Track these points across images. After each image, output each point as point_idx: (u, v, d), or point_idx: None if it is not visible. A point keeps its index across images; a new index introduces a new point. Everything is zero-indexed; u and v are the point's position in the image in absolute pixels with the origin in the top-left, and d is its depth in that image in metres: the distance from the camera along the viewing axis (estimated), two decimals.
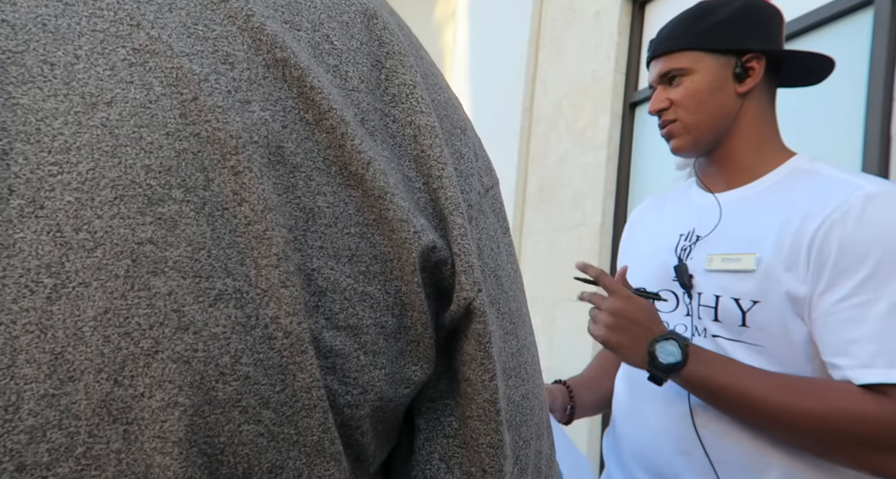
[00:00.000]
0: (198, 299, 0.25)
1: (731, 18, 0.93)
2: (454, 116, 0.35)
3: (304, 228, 0.28)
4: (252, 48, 0.28)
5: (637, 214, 1.17)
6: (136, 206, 0.25)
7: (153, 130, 0.26)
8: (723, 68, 0.93)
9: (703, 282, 0.90)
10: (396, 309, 0.30)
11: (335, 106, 0.29)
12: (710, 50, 0.93)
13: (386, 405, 0.30)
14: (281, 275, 0.26)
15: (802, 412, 0.76)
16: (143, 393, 0.24)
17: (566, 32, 3.03)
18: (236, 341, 0.26)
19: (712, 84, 0.93)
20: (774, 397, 0.77)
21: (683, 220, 0.99)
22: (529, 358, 0.36)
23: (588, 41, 2.84)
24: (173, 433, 0.24)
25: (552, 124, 3.04)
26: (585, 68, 2.83)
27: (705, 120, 0.94)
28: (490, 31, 3.70)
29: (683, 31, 0.95)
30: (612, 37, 2.67)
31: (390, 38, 0.32)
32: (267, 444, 0.26)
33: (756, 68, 0.92)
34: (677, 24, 0.96)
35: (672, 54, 0.95)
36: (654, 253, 1.01)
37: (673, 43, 0.95)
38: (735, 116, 0.94)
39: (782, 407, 0.77)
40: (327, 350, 0.28)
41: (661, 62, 0.96)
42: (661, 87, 0.97)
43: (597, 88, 2.73)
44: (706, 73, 0.93)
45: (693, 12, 0.95)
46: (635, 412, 0.96)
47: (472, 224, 0.33)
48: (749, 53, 0.92)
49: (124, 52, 0.26)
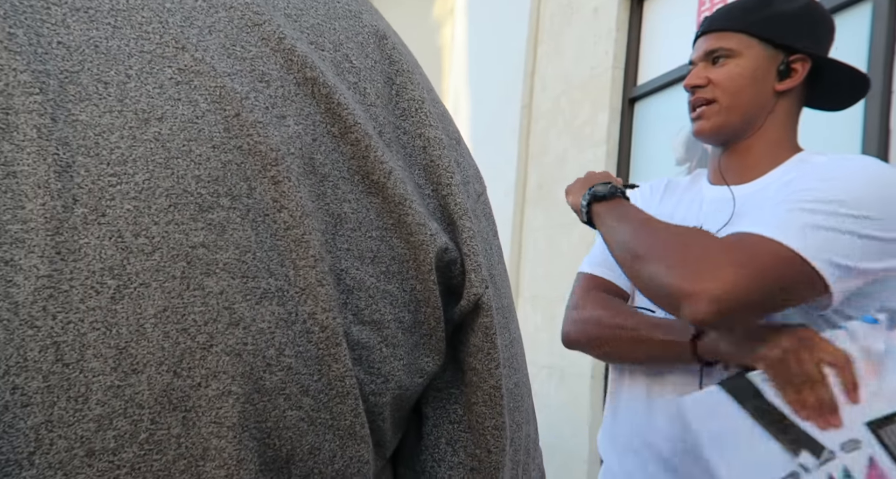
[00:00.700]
0: (246, 297, 0.28)
1: (791, 15, 0.92)
2: (450, 128, 0.38)
3: (333, 232, 0.30)
4: (284, 68, 0.31)
5: (643, 192, 1.11)
6: (189, 213, 0.27)
7: (201, 143, 0.28)
8: (769, 61, 0.92)
9: None
10: (412, 305, 0.33)
11: (359, 120, 0.32)
12: (763, 39, 0.91)
13: (403, 394, 0.33)
14: (317, 275, 0.29)
15: (648, 240, 0.83)
16: (200, 383, 0.26)
17: (564, 29, 3.02)
18: (280, 336, 0.28)
19: (755, 73, 0.91)
20: (637, 230, 0.85)
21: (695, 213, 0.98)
22: (519, 350, 0.39)
23: (586, 37, 2.83)
24: (228, 418, 0.27)
25: (551, 121, 3.04)
26: (584, 65, 2.83)
27: (738, 107, 0.92)
28: (488, 27, 3.70)
29: (742, 14, 0.93)
30: (610, 33, 2.67)
31: (399, 57, 0.36)
32: (307, 428, 0.29)
33: (799, 70, 0.92)
34: (737, 6, 0.94)
35: (724, 33, 0.93)
36: None
37: (728, 23, 0.93)
38: (767, 112, 0.93)
39: (638, 237, 0.84)
40: (355, 343, 0.31)
41: (711, 39, 0.94)
42: (703, 64, 0.95)
43: (595, 84, 2.73)
44: (752, 61, 0.91)
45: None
46: (639, 403, 0.96)
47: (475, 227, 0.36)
48: (797, 54, 0.91)
49: (171, 72, 0.29)
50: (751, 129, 0.94)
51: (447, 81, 4.06)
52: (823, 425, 0.75)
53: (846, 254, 0.75)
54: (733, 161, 0.96)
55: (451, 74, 4.06)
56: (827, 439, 0.75)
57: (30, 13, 0.27)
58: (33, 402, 0.24)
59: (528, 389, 0.40)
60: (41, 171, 0.25)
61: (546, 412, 2.72)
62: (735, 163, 0.96)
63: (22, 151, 0.25)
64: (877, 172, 0.82)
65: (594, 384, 2.53)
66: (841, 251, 0.75)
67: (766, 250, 0.74)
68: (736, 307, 0.74)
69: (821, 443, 0.74)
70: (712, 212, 0.95)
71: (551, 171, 2.99)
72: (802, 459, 0.74)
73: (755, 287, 0.73)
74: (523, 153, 3.23)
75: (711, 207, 0.96)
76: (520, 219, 3.20)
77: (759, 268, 0.74)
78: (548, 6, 3.18)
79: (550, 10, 3.16)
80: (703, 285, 0.73)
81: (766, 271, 0.74)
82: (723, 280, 0.73)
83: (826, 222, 0.76)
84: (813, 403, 0.75)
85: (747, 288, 0.73)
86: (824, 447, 0.74)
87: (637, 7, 2.66)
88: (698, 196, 1.01)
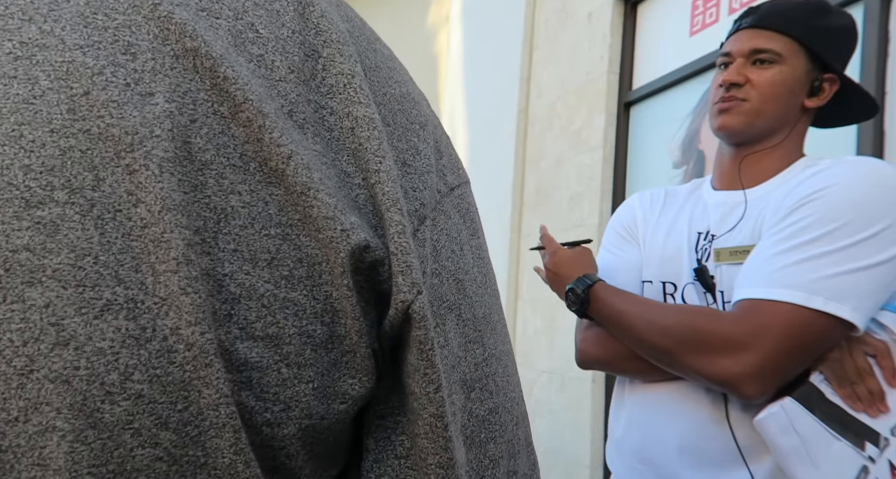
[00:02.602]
0: (80, 310, 0.23)
1: (840, 31, 0.90)
2: (412, 110, 0.33)
3: (214, 230, 0.25)
4: (158, 38, 0.26)
5: (643, 202, 1.10)
6: (12, 210, 0.23)
7: (35, 127, 0.24)
8: (806, 75, 0.90)
9: (725, 280, 0.89)
10: (326, 316, 0.27)
11: (252, 96, 0.27)
12: (810, 50, 0.88)
13: (318, 424, 0.27)
14: (181, 281, 0.24)
15: (657, 324, 0.86)
16: (17, 418, 0.22)
17: (559, 34, 3.04)
18: (127, 356, 0.23)
19: (793, 86, 0.89)
20: (642, 315, 0.88)
21: (699, 219, 0.97)
22: (500, 369, 0.33)
23: (581, 42, 2.85)
24: (53, 460, 0.22)
25: (547, 126, 3.05)
26: (579, 69, 2.84)
27: (768, 114, 0.90)
28: (483, 34, 3.71)
29: (797, 17, 0.89)
30: (605, 38, 2.68)
31: (328, 26, 0.30)
32: (167, 469, 0.24)
33: (827, 90, 0.90)
34: (792, 7, 0.90)
35: (774, 34, 0.89)
36: (675, 253, 0.98)
37: (781, 22, 0.89)
38: (790, 125, 0.92)
39: (645, 321, 0.87)
40: (241, 363, 0.25)
41: (760, 37, 0.89)
42: (744, 61, 0.90)
43: (591, 88, 2.74)
44: (794, 71, 0.89)
45: (814, 5, 0.90)
46: (649, 413, 0.95)
47: (428, 223, 0.31)
48: (830, 73, 0.90)
49: (10, 46, 0.25)
50: (771, 138, 0.93)
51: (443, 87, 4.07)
52: (874, 413, 0.77)
53: (867, 293, 0.77)
54: (745, 167, 0.95)
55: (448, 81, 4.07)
56: (880, 426, 0.77)
57: None
58: None
59: (517, 416, 0.34)
60: None
61: (547, 418, 2.72)
62: (745, 169, 0.95)
63: None
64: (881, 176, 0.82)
65: (595, 389, 2.53)
66: (861, 291, 0.77)
67: (788, 319, 0.77)
68: (782, 377, 0.79)
69: (876, 431, 0.77)
70: (718, 216, 0.94)
71: (548, 175, 3.00)
72: (869, 451, 0.77)
73: (791, 354, 0.78)
74: (520, 158, 3.23)
75: (718, 211, 0.95)
76: (518, 223, 3.20)
77: (788, 339, 0.77)
78: (542, 11, 3.20)
79: (545, 16, 3.17)
80: (743, 371, 0.78)
81: (793, 340, 0.77)
82: (759, 361, 0.77)
83: (840, 266, 0.77)
84: (865, 394, 0.77)
85: (786, 358, 0.78)
86: (879, 433, 0.77)
87: (631, 12, 2.67)
88: (701, 202, 1.00)
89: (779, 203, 0.86)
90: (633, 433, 0.97)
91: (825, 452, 0.77)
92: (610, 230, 1.10)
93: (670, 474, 0.90)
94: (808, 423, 0.78)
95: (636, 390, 0.98)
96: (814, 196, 0.81)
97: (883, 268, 0.78)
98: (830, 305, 0.76)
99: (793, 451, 0.78)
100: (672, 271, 0.96)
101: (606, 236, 1.10)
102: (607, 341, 0.95)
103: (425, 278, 0.29)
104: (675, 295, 0.95)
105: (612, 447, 1.02)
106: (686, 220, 0.99)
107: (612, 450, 1.02)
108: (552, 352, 2.73)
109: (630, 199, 1.13)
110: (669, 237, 1.00)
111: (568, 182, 2.84)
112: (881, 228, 0.78)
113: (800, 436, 0.78)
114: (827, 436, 0.78)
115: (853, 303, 0.76)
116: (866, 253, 0.77)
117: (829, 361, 0.79)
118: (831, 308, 0.76)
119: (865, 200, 0.80)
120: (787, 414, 0.78)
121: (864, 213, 0.78)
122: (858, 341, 0.79)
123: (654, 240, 1.03)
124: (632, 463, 0.96)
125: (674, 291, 0.96)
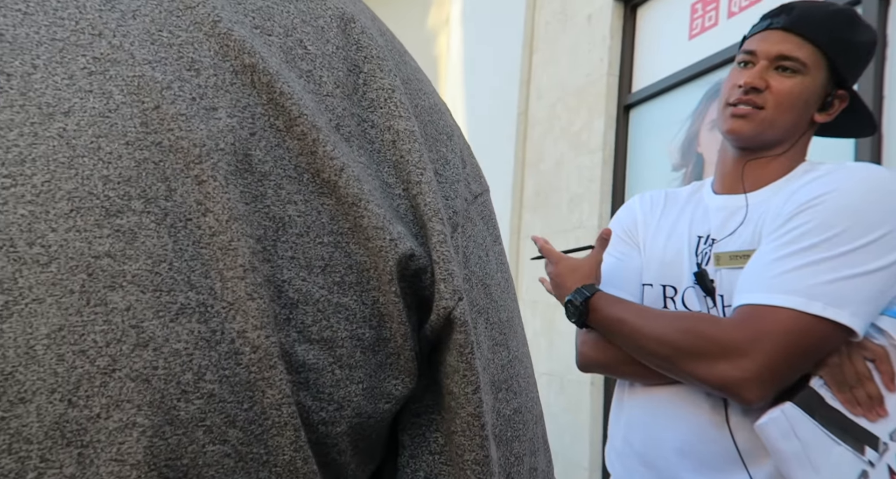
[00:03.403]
0: (158, 313, 0.24)
1: (863, 47, 0.89)
2: (440, 121, 0.34)
3: (273, 239, 0.27)
4: (219, 54, 0.28)
5: (643, 205, 1.10)
6: (93, 218, 0.24)
7: (112, 139, 0.25)
8: (823, 89, 0.89)
9: (725, 284, 0.90)
10: (374, 320, 0.29)
11: (306, 112, 0.28)
12: (833, 63, 0.87)
13: (365, 422, 0.29)
14: (247, 287, 0.25)
15: (655, 331, 0.87)
16: (100, 414, 0.23)
17: (559, 36, 3.04)
18: (200, 357, 0.25)
19: (809, 98, 0.89)
20: (640, 323, 0.88)
21: (699, 222, 0.98)
22: (522, 370, 0.35)
23: (581, 45, 2.85)
24: (131, 455, 0.23)
25: (547, 128, 3.06)
26: (579, 72, 2.84)
27: (782, 124, 0.90)
28: (483, 36, 3.72)
29: (827, 27, 0.87)
30: (604, 40, 2.68)
31: (368, 42, 0.32)
32: (234, 465, 0.25)
33: (836, 107, 0.90)
34: (824, 13, 0.88)
35: (803, 41, 0.87)
36: (676, 256, 0.98)
37: (813, 29, 0.86)
38: (798, 136, 0.92)
39: (643, 329, 0.88)
40: (300, 365, 0.27)
41: (789, 42, 0.87)
42: (767, 65, 0.88)
43: (591, 91, 2.74)
44: (814, 83, 0.88)
45: (845, 16, 0.89)
46: (648, 417, 0.95)
47: (459, 231, 0.32)
48: (842, 90, 0.90)
49: (84, 61, 0.26)
50: (779, 147, 0.93)
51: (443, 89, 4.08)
52: (874, 417, 0.78)
53: (866, 298, 0.77)
54: (749, 173, 0.95)
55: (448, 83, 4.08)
56: (879, 430, 0.78)
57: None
58: None
59: (536, 415, 0.35)
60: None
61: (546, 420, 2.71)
62: (749, 174, 0.95)
63: None
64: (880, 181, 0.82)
65: (594, 391, 2.53)
66: (860, 297, 0.77)
67: (787, 325, 0.78)
68: (781, 382, 0.79)
69: (876, 435, 0.78)
70: (719, 220, 0.95)
71: (548, 177, 3.00)
72: (868, 455, 0.78)
73: (791, 360, 0.78)
74: (520, 160, 3.24)
75: (719, 215, 0.95)
76: (517, 225, 3.21)
77: (786, 345, 0.78)
78: (542, 14, 3.20)
79: (545, 18, 3.17)
80: (743, 376, 0.79)
81: (792, 345, 0.78)
82: (759, 367, 0.78)
83: (839, 272, 0.77)
84: (864, 398, 0.78)
85: (786, 363, 0.78)
86: (879, 438, 0.77)
87: (630, 14, 2.68)
88: (702, 205, 1.00)
89: (779, 208, 0.86)
90: (634, 436, 0.97)
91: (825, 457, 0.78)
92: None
93: (671, 477, 0.90)
94: (809, 428, 0.78)
95: (636, 394, 0.98)
96: (813, 202, 0.82)
97: (882, 274, 0.78)
98: (829, 310, 0.76)
99: (794, 456, 0.78)
100: (672, 274, 0.96)
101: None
102: (607, 344, 0.95)
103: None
104: (676, 299, 0.96)
105: (611, 449, 1.03)
106: (686, 223, 0.99)
107: (612, 453, 1.02)
108: (551, 354, 2.73)
109: (630, 201, 1.13)
110: (670, 241, 1.00)
111: (568, 184, 2.84)
112: (880, 234, 0.78)
113: (800, 441, 0.78)
114: (827, 441, 0.78)
115: (852, 308, 0.76)
116: (865, 259, 0.77)
117: (829, 366, 0.79)
118: (830, 314, 0.76)
119: (864, 207, 0.80)
120: (787, 419, 0.78)
121: (863, 219, 0.79)
122: (858, 346, 0.79)
123: (654, 243, 1.03)
124: (632, 466, 0.96)
125: (674, 294, 0.96)
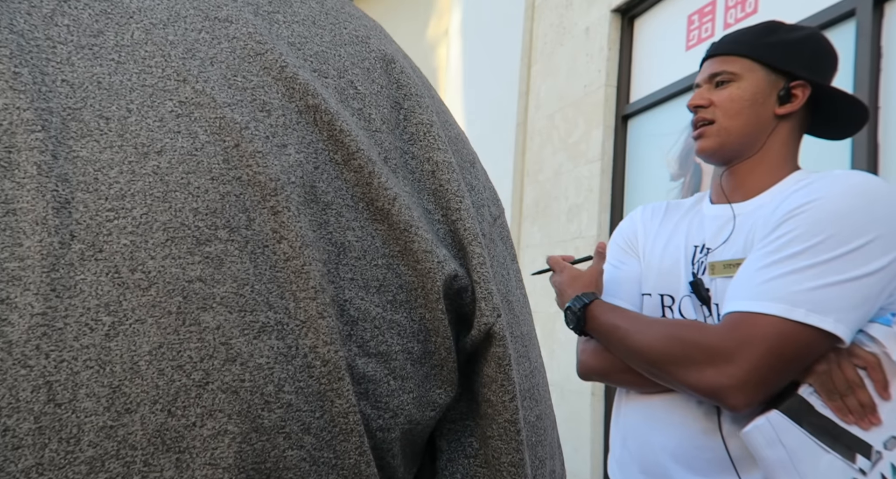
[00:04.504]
0: (244, 331, 0.27)
1: (795, 42, 0.95)
2: (464, 149, 0.37)
3: (336, 262, 0.30)
4: (286, 96, 0.31)
5: (644, 216, 1.12)
6: (186, 246, 0.27)
7: (200, 175, 0.28)
8: (770, 86, 0.94)
9: (720, 293, 0.90)
10: (421, 335, 0.32)
11: (363, 147, 0.31)
12: (765, 64, 0.94)
13: (414, 428, 0.32)
14: (318, 306, 0.28)
15: (645, 338, 0.89)
16: (195, 422, 0.26)
17: (557, 48, 3.06)
18: (279, 371, 0.27)
19: (755, 97, 0.94)
20: (632, 330, 0.91)
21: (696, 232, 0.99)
22: (541, 380, 0.37)
23: (579, 56, 2.87)
24: (223, 459, 0.26)
25: (546, 139, 3.07)
26: (577, 83, 2.86)
27: (738, 129, 0.95)
28: (482, 48, 3.74)
29: (747, 40, 0.97)
30: (602, 51, 2.71)
31: (407, 81, 0.35)
32: (309, 468, 0.28)
33: (799, 96, 0.94)
34: (744, 32, 0.98)
35: (728, 57, 0.97)
36: (673, 266, 0.99)
37: (733, 47, 0.97)
38: (767, 134, 0.95)
39: (634, 336, 0.91)
40: (360, 376, 0.30)
41: (715, 63, 0.98)
42: (707, 86, 0.99)
43: (589, 101, 2.76)
44: (753, 84, 0.95)
45: (763, 26, 0.98)
46: (647, 425, 0.96)
47: (486, 252, 0.35)
48: (798, 80, 0.94)
49: (171, 105, 0.29)
50: (751, 149, 0.96)
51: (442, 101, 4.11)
52: (866, 425, 0.78)
53: (851, 305, 0.78)
54: (735, 180, 0.98)
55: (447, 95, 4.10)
56: (872, 438, 0.77)
57: (35, 52, 0.27)
58: (24, 444, 0.23)
59: (553, 421, 0.38)
60: (39, 207, 0.25)
61: None
62: (736, 182, 0.98)
63: (22, 188, 0.25)
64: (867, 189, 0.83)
65: (594, 402, 2.52)
66: (845, 303, 0.78)
67: (771, 331, 0.78)
68: (767, 389, 0.80)
69: (869, 443, 0.77)
70: (714, 229, 0.96)
71: (547, 187, 3.01)
72: (860, 463, 0.77)
73: (776, 366, 0.79)
74: (519, 171, 3.25)
75: (713, 224, 0.97)
76: (517, 235, 3.21)
77: (771, 351, 0.78)
78: (540, 26, 3.23)
79: (543, 30, 3.20)
80: (729, 383, 0.79)
81: (776, 351, 0.79)
82: (744, 373, 0.79)
83: (823, 278, 0.78)
84: (856, 406, 0.78)
85: (770, 370, 0.79)
86: (872, 446, 0.77)
87: (628, 26, 2.70)
88: (699, 215, 1.02)
89: (768, 217, 0.87)
90: (631, 443, 0.98)
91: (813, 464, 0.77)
92: (612, 244, 1.13)
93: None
94: (795, 435, 0.78)
95: (632, 401, 1.00)
96: (799, 210, 0.83)
97: (867, 280, 0.78)
98: (812, 316, 0.77)
99: (779, 463, 0.78)
100: (670, 283, 0.98)
101: (609, 250, 1.12)
102: (605, 352, 0.97)
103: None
104: (673, 308, 0.96)
105: (612, 457, 1.04)
106: (684, 233, 1.01)
107: (614, 461, 1.03)
108: (551, 364, 2.73)
109: (633, 212, 1.16)
110: (667, 250, 1.01)
111: (566, 194, 2.85)
112: (866, 240, 0.79)
113: (786, 448, 0.78)
114: (815, 448, 0.78)
115: (836, 315, 0.77)
116: (850, 266, 0.78)
117: (818, 373, 0.79)
118: (813, 320, 0.77)
119: (850, 214, 0.81)
120: (773, 427, 0.79)
121: (849, 226, 0.79)
122: (848, 354, 0.79)
123: (652, 253, 1.05)
124: (631, 472, 0.97)
125: (672, 303, 0.97)
